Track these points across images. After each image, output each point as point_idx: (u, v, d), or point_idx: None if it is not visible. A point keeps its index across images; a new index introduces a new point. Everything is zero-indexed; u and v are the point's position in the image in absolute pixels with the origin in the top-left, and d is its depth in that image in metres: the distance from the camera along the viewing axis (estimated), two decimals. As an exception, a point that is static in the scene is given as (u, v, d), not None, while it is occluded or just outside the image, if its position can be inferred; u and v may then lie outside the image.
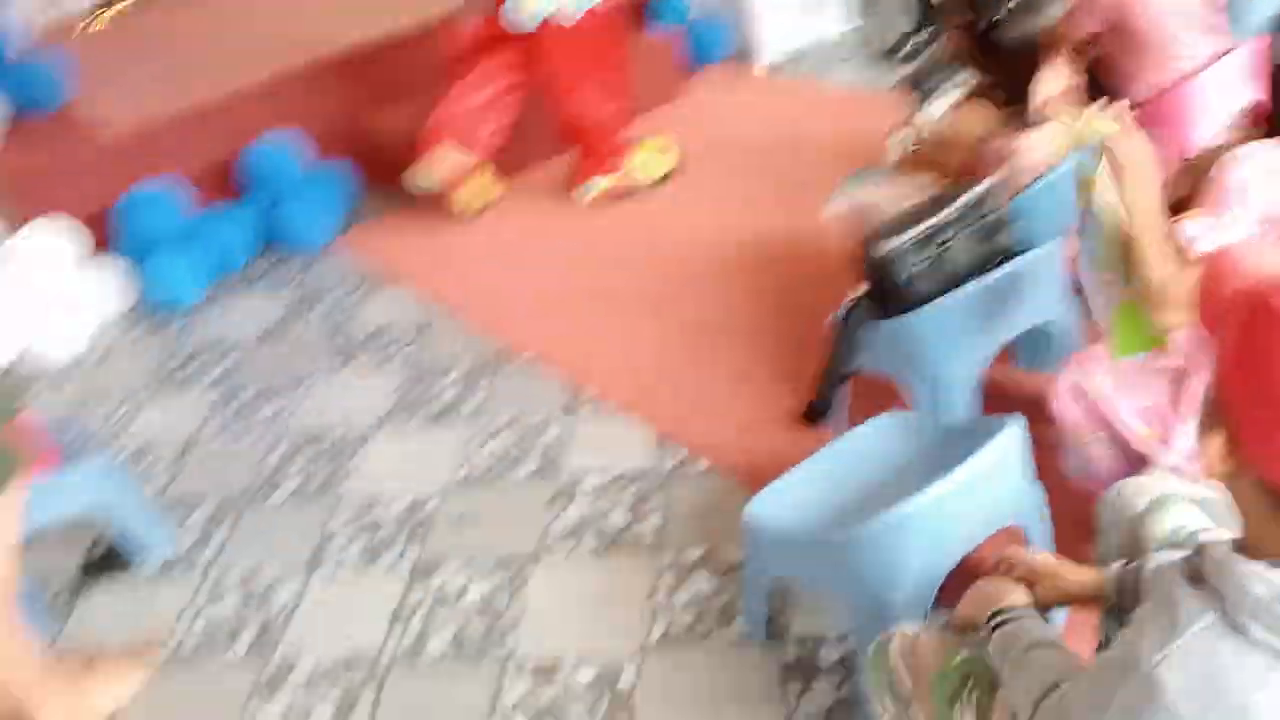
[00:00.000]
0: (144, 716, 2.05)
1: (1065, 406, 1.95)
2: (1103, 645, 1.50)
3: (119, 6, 5.17)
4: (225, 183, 3.78)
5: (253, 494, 2.62)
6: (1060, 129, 2.49)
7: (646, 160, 3.79)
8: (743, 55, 4.66)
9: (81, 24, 5.08)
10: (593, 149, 3.72)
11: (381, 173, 4.02)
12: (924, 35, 4.30)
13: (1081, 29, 2.70)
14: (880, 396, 2.33)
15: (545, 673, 2.02)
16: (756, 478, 2.07)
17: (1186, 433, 1.84)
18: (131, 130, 3.75)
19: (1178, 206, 2.01)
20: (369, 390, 2.97)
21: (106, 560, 2.40)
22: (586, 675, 2.01)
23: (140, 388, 3.12)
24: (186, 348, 3.30)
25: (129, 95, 4.04)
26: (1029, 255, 2.28)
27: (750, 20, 4.59)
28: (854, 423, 2.12)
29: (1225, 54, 2.80)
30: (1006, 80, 2.53)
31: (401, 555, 2.36)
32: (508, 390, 2.88)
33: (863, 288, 2.37)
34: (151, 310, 3.47)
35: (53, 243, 3.30)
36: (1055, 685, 1.16)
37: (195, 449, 2.83)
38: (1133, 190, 1.77)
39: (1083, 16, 2.68)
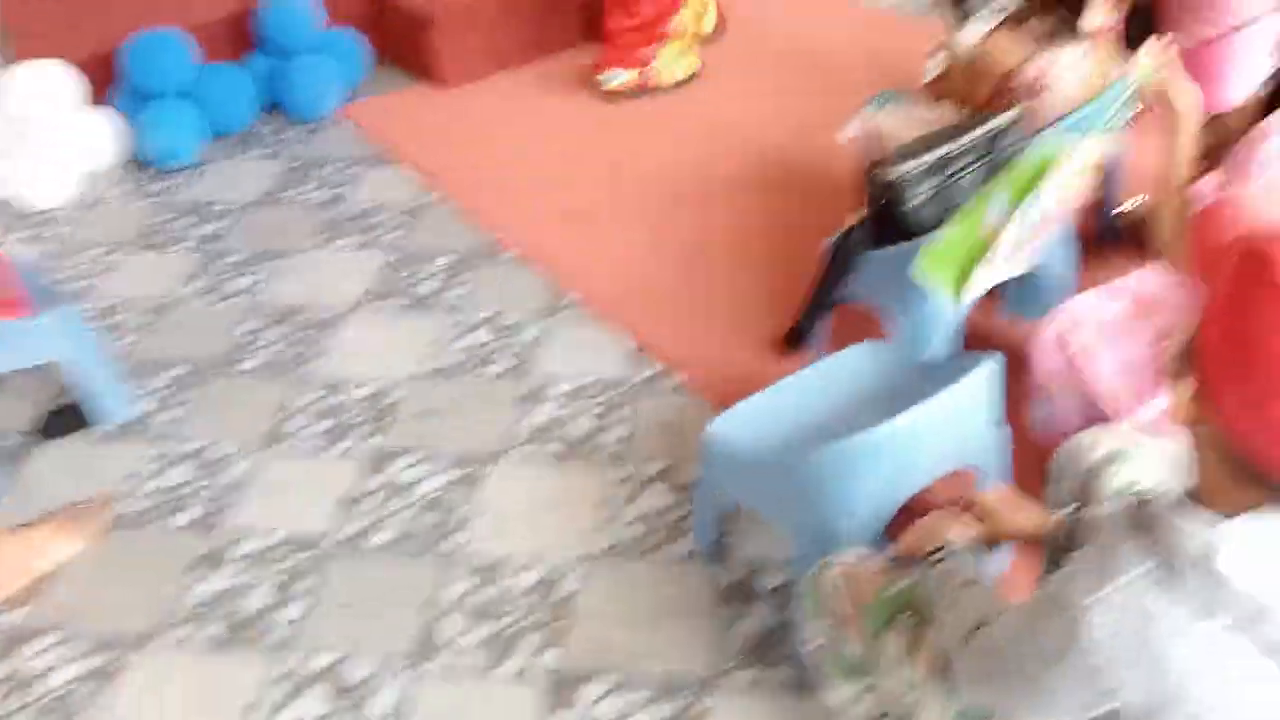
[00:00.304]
0: (82, 579, 2.04)
1: (1045, 355, 1.88)
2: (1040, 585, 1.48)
3: None
4: (233, 38, 3.65)
5: (220, 363, 2.58)
6: (1094, 65, 2.36)
7: (670, 61, 3.64)
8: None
9: None
10: (620, 38, 3.59)
11: (392, 46, 3.89)
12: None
13: None
14: (863, 328, 2.25)
15: (488, 572, 1.99)
16: (728, 398, 2.01)
17: (1161, 393, 1.78)
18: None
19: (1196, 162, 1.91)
20: (351, 270, 2.89)
21: (65, 417, 2.37)
22: (529, 579, 1.98)
23: (122, 243, 3.06)
24: (173, 207, 3.22)
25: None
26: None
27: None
28: (834, 351, 2.05)
29: (1270, 14, 2.66)
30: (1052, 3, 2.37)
31: (361, 441, 2.32)
32: (491, 285, 2.80)
33: (863, 212, 2.27)
34: (144, 165, 3.39)
35: (48, 85, 3.20)
36: (984, 622, 1.16)
37: (168, 311, 2.78)
38: (1183, 136, 1.73)
39: None
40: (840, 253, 2.33)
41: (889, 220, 2.17)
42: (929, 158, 2.13)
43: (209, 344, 2.64)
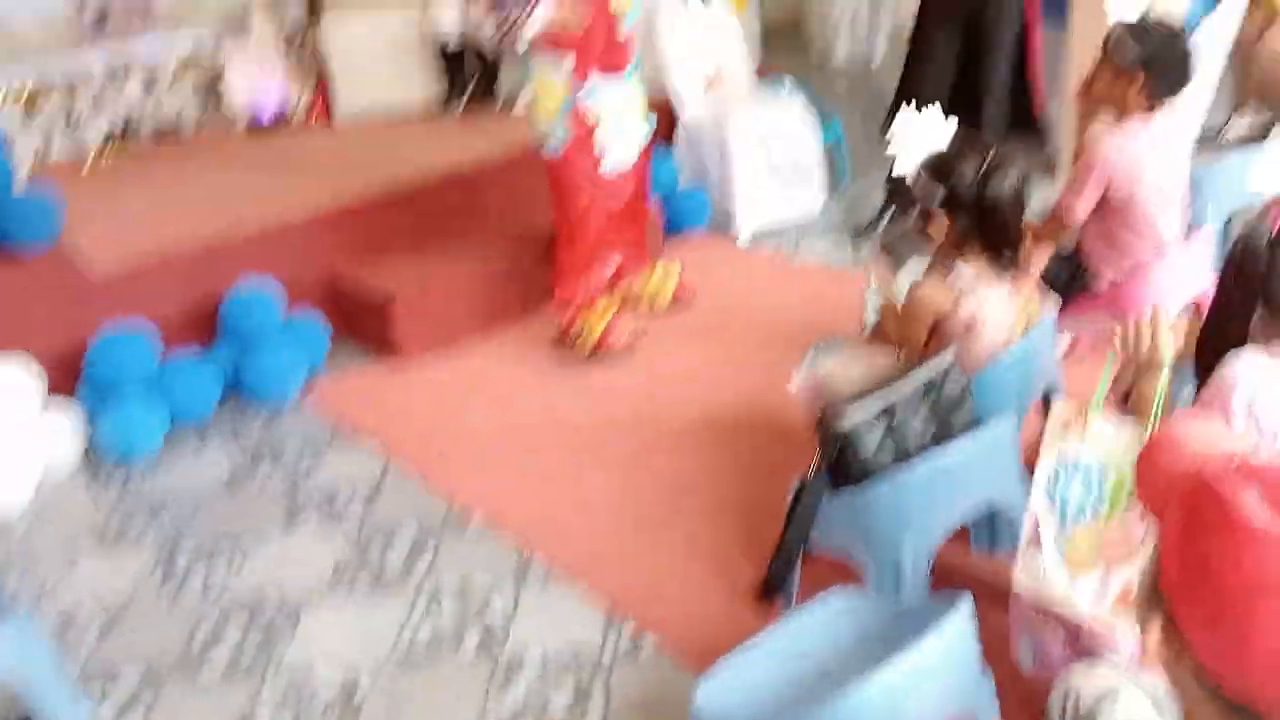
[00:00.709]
0: None
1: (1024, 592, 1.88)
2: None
3: (112, 150, 5.28)
4: (197, 328, 3.77)
5: (180, 667, 2.49)
6: (1020, 303, 2.51)
7: (604, 321, 3.75)
8: (721, 225, 4.74)
9: (90, 160, 5.18)
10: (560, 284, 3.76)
11: (350, 323, 4.03)
12: (894, 210, 4.40)
13: (1088, 203, 2.78)
14: (834, 572, 2.25)
15: None
16: (707, 656, 1.97)
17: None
18: (107, 271, 3.75)
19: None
20: (314, 553, 2.86)
21: (16, 732, 2.25)
22: None
23: (79, 544, 3.01)
24: (132, 501, 3.20)
25: (111, 236, 4.06)
26: (984, 432, 2.24)
27: (730, 192, 4.69)
28: (807, 599, 2.04)
29: (1189, 236, 2.89)
30: (977, 238, 2.53)
31: (327, 737, 2.22)
32: (456, 555, 2.78)
33: (819, 460, 2.33)
34: (103, 458, 3.39)
35: (7, 384, 3.25)
36: None
37: (126, 613, 2.70)
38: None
39: (1090, 190, 2.76)
40: (800, 503, 2.36)
41: (844, 469, 2.22)
42: (876, 406, 2.22)
43: (170, 645, 2.56)
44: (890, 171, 2.66)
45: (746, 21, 5.81)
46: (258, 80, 5.38)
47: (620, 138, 3.56)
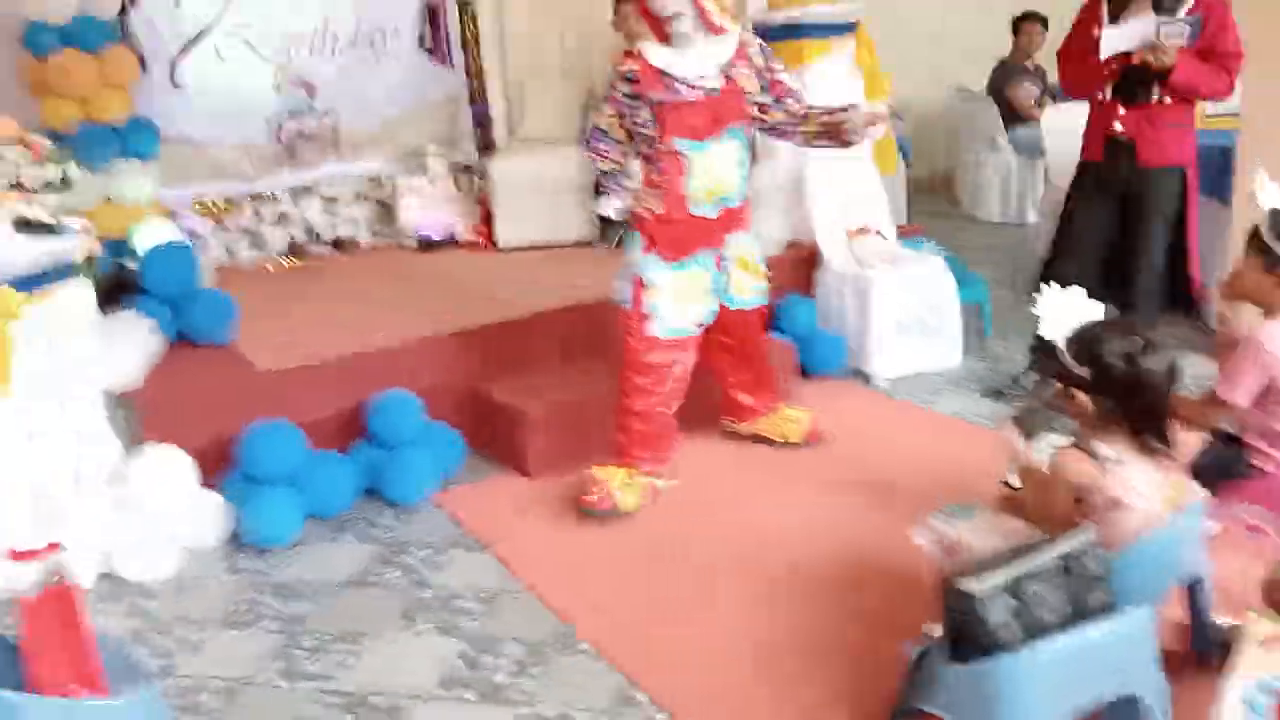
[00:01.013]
0: None
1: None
2: None
3: (289, 260, 5.72)
4: (342, 429, 3.97)
5: (287, 752, 2.55)
6: (1167, 487, 2.42)
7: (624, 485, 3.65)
8: (855, 372, 4.77)
9: (268, 266, 5.62)
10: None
11: (485, 438, 4.17)
12: (1033, 377, 4.32)
13: (1248, 392, 2.70)
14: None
15: None
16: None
17: None
18: (267, 370, 4.02)
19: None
20: (427, 655, 2.91)
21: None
22: None
23: (209, 620, 3.15)
24: (264, 586, 3.34)
25: (276, 337, 4.35)
26: (1122, 617, 2.15)
27: (867, 341, 4.73)
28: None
29: None
30: (1123, 420, 2.46)
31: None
32: (562, 678, 2.79)
33: (941, 625, 2.26)
34: (242, 544, 3.56)
35: (166, 468, 3.48)
36: None
37: (244, 694, 2.80)
38: None
39: (1249, 380, 2.69)
40: (920, 666, 2.29)
41: (968, 637, 2.15)
42: (1006, 575, 2.15)
43: (279, 730, 2.62)
44: (1035, 339, 2.65)
45: (895, 177, 5.94)
46: (428, 207, 5.79)
47: (675, 310, 3.58)
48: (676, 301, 3.60)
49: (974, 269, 5.31)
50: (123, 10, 5.20)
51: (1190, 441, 2.83)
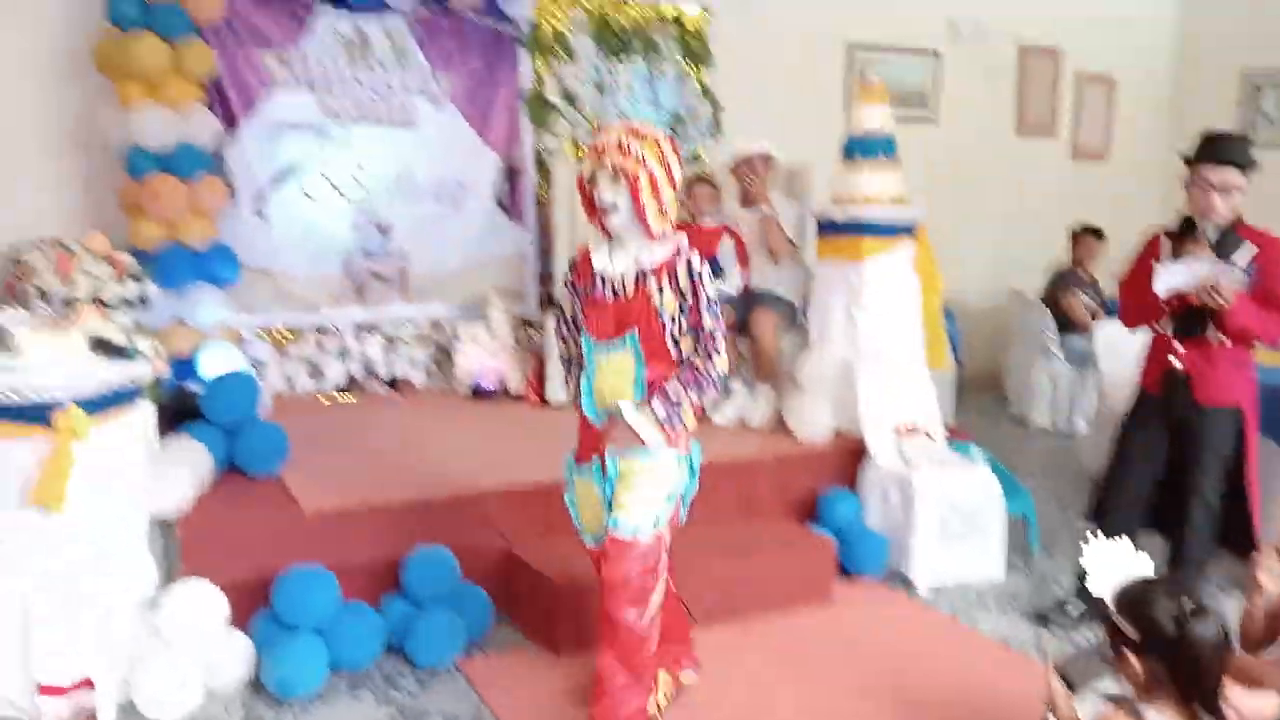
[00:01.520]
0: None
1: None
2: None
3: (344, 395, 5.83)
4: (374, 581, 3.93)
5: None
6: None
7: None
8: (898, 576, 4.68)
9: (323, 398, 5.71)
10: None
11: (516, 607, 4.11)
12: (1080, 606, 4.21)
13: None
14: None
15: None
16: None
17: None
18: (309, 512, 4.02)
19: None
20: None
21: None
22: None
23: (220, 773, 3.07)
24: (278, 741, 3.27)
25: (323, 477, 4.38)
26: None
27: (909, 545, 4.66)
28: None
29: None
30: (1171, 684, 2.39)
31: None
32: None
33: None
34: (262, 688, 3.50)
35: (198, 605, 3.46)
36: None
37: None
38: None
39: None
40: None
41: None
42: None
43: None
44: (1082, 573, 2.59)
45: (944, 376, 5.95)
46: (485, 356, 5.92)
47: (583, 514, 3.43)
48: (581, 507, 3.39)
49: (1021, 478, 5.26)
50: (222, 143, 5.49)
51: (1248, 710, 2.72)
